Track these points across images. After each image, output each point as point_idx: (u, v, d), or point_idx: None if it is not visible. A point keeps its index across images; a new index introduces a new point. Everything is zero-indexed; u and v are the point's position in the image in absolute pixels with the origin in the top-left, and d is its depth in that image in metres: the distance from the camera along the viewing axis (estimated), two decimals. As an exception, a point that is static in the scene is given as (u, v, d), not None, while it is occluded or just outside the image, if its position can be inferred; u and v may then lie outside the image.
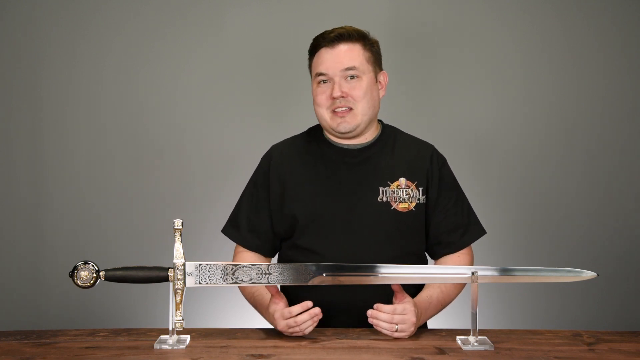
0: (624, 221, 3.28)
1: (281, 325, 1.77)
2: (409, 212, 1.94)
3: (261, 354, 1.62)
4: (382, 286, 1.79)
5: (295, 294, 1.89)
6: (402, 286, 1.81)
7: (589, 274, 1.72)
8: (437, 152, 2.05)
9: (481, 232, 2.04)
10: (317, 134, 2.06)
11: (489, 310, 3.20)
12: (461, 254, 2.01)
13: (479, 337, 1.70)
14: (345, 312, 1.89)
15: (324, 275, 1.71)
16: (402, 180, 1.96)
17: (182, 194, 3.29)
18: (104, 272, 1.67)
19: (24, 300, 3.27)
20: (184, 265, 1.67)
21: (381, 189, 1.94)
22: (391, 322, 1.74)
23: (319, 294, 1.85)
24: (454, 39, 3.30)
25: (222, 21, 3.30)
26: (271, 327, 1.88)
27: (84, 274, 1.66)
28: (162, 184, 3.29)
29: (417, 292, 1.92)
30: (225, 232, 2.07)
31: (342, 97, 1.91)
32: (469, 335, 1.71)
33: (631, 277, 3.28)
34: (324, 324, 1.81)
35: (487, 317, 3.13)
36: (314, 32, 2.00)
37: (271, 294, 1.81)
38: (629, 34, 3.26)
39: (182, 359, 1.59)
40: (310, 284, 1.72)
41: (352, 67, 1.92)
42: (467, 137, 3.29)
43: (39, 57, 3.27)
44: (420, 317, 1.82)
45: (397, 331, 1.74)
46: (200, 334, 1.78)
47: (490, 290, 3.00)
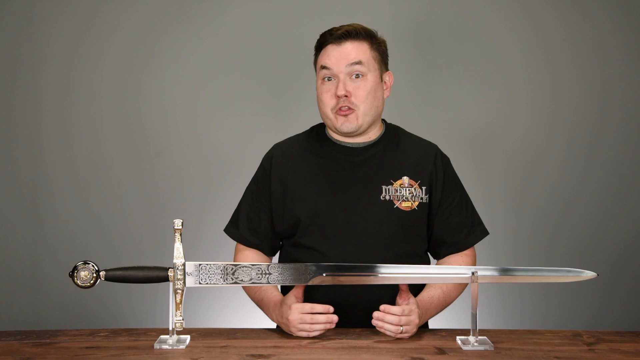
0: (624, 221, 3.28)
1: (294, 316, 1.75)
2: (411, 211, 1.93)
3: (261, 354, 1.62)
4: (382, 286, 1.79)
5: (295, 294, 1.89)
6: (403, 287, 1.82)
7: (589, 274, 1.72)
8: (441, 152, 2.04)
9: (485, 232, 2.04)
10: (319, 132, 2.06)
11: (489, 310, 3.20)
12: (464, 254, 2.00)
13: (479, 337, 1.70)
14: (345, 312, 1.87)
15: (324, 275, 1.71)
16: (405, 179, 1.95)
17: (182, 194, 3.29)
18: (104, 272, 1.67)
19: (24, 300, 3.27)
20: (184, 265, 1.67)
21: (384, 187, 1.93)
22: (398, 324, 1.73)
23: (319, 293, 1.86)
24: (455, 39, 3.30)
25: (222, 20, 3.30)
26: (271, 327, 1.87)
27: (84, 274, 1.66)
28: (162, 184, 3.29)
29: (418, 292, 1.92)
30: (226, 230, 2.08)
31: (345, 96, 1.90)
32: (469, 335, 1.71)
33: (631, 277, 3.28)
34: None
35: (487, 317, 3.13)
36: (316, 31, 2.00)
37: (297, 290, 1.79)
38: (629, 34, 3.26)
39: (182, 359, 1.59)
40: (310, 283, 1.72)
41: (359, 62, 1.90)
42: (467, 137, 3.29)
43: (39, 57, 3.27)
44: (421, 317, 1.82)
45: (401, 332, 1.74)
46: (200, 334, 1.78)
47: (490, 290, 3.00)
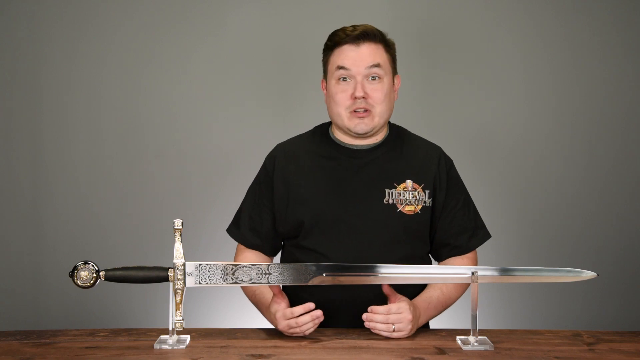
0: (624, 221, 3.28)
1: (282, 325, 1.77)
2: (414, 214, 1.92)
3: (261, 354, 1.62)
4: (382, 286, 1.78)
5: (295, 294, 1.89)
6: (403, 287, 1.82)
7: (589, 274, 1.72)
8: (444, 154, 2.03)
9: (487, 235, 2.03)
10: (322, 133, 2.04)
11: (489, 310, 3.20)
12: (466, 257, 1.99)
13: (479, 337, 1.70)
14: (345, 312, 1.88)
15: (324, 275, 1.71)
16: (409, 182, 1.94)
17: (182, 194, 3.29)
18: (104, 272, 1.67)
19: (24, 300, 3.27)
20: (184, 265, 1.67)
21: (387, 190, 1.92)
22: (387, 323, 1.73)
23: (320, 293, 1.85)
24: (455, 39, 3.30)
25: (222, 20, 3.30)
26: (271, 327, 1.87)
27: (84, 274, 1.66)
28: (162, 184, 3.29)
29: (419, 293, 1.92)
30: (228, 230, 2.07)
31: (363, 97, 1.89)
32: (469, 335, 1.71)
33: (631, 277, 3.28)
34: (324, 324, 1.81)
35: (487, 317, 3.13)
36: (316, 31, 2.00)
37: (273, 293, 1.80)
38: (629, 34, 3.26)
39: (182, 359, 1.59)
40: (310, 284, 1.71)
41: (377, 64, 1.89)
42: (467, 137, 3.29)
43: (39, 57, 3.27)
44: (419, 317, 1.82)
45: (394, 331, 1.74)
46: (200, 334, 1.78)
47: (490, 290, 3.00)
